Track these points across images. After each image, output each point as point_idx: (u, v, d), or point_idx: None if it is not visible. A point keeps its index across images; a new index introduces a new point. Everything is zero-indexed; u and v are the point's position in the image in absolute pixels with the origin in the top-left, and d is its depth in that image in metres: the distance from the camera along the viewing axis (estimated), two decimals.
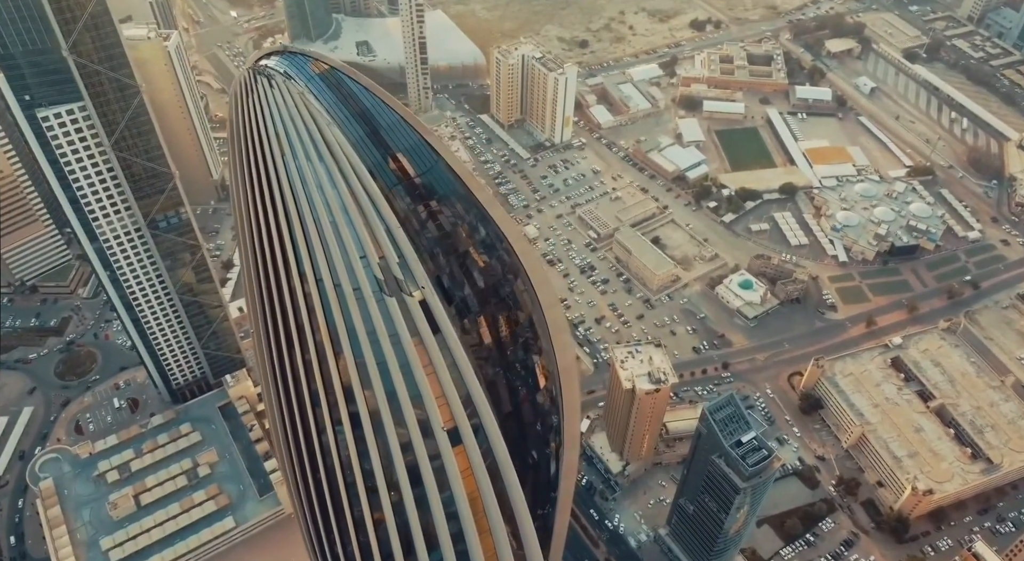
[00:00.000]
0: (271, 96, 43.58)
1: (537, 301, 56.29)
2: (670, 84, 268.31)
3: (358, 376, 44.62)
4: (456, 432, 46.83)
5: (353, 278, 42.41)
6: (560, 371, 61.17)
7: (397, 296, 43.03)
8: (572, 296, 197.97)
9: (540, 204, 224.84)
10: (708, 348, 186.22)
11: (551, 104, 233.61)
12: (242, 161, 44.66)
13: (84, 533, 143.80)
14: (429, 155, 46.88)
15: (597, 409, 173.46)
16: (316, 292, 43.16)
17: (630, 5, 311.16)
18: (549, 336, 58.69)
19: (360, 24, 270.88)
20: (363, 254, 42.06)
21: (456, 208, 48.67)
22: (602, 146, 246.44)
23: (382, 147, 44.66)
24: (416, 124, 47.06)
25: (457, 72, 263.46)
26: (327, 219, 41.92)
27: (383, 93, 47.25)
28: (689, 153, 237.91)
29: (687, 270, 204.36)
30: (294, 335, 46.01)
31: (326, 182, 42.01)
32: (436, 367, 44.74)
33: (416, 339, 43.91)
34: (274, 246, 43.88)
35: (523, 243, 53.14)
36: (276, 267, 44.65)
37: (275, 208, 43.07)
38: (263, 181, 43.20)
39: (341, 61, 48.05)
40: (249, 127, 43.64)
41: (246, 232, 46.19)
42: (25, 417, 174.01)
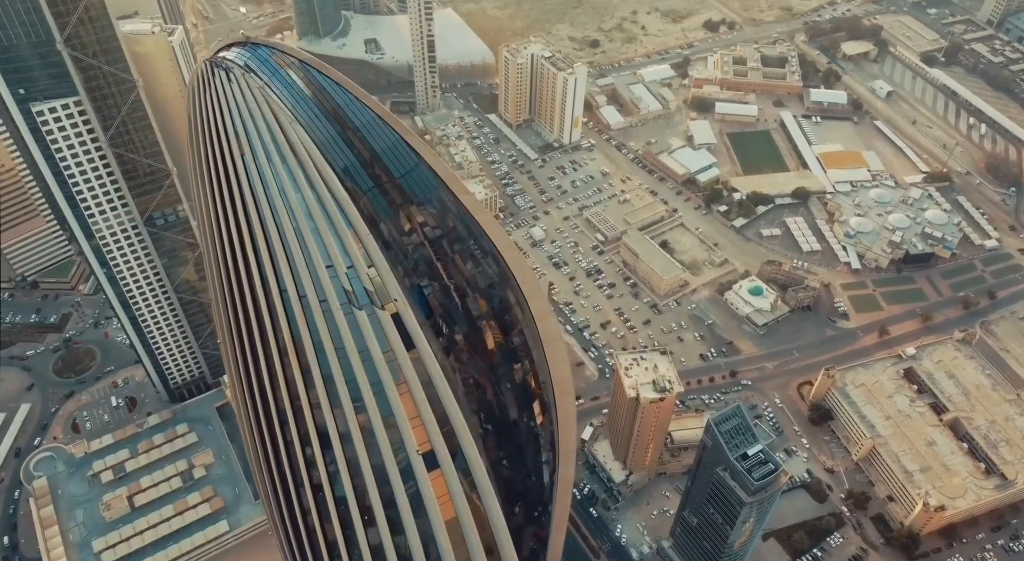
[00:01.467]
0: (229, 91, 40.51)
1: (528, 312, 53.11)
2: (682, 85, 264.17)
3: (326, 394, 41.46)
4: (432, 455, 43.50)
5: (320, 289, 39.30)
6: (554, 384, 58.27)
7: (367, 309, 39.83)
8: (578, 300, 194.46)
9: (547, 206, 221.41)
10: (716, 355, 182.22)
11: (560, 104, 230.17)
12: (202, 161, 41.60)
13: (77, 534, 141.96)
14: (409, 156, 43.62)
15: (601, 416, 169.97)
16: (280, 304, 40.02)
17: (643, 5, 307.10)
18: (542, 348, 55.73)
19: (369, 21, 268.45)
20: (330, 263, 38.91)
21: (439, 213, 45.44)
22: (611, 147, 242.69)
23: (355, 147, 41.48)
24: (394, 123, 43.80)
25: (466, 71, 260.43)
26: (290, 225, 38.78)
27: (357, 89, 44.04)
28: (700, 156, 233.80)
29: (696, 275, 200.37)
30: (259, 348, 42.87)
31: (288, 185, 38.88)
32: (410, 385, 41.54)
33: (388, 355, 40.64)
34: (236, 253, 40.76)
35: (512, 251, 49.87)
36: (240, 276, 41.53)
37: (236, 213, 39.99)
38: (224, 183, 40.14)
39: (305, 55, 44.82)
40: (207, 125, 40.62)
41: (209, 238, 43.12)
42: (22, 414, 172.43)
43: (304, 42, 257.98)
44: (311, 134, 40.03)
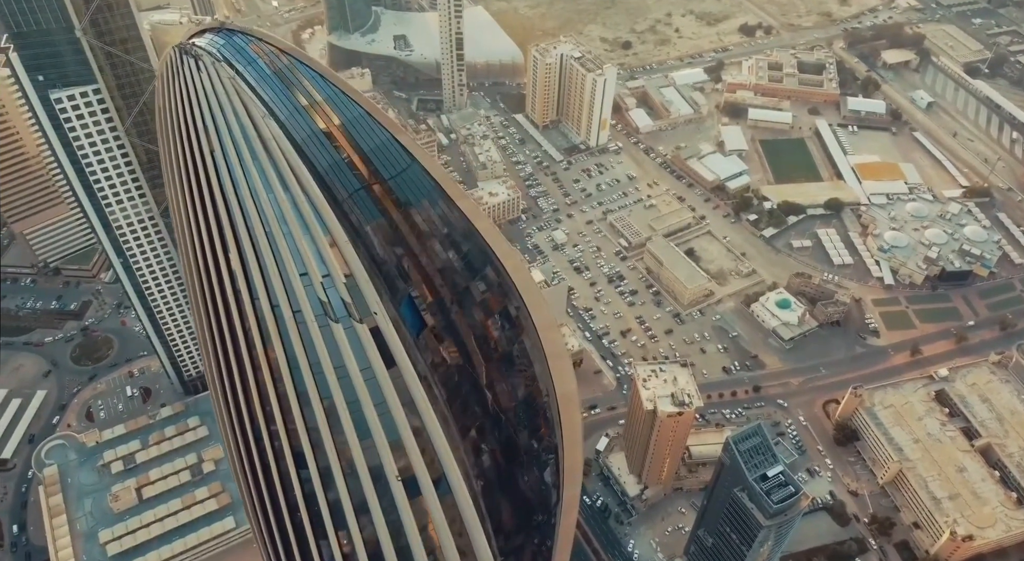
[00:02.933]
0: (197, 81, 37.49)
1: (531, 324, 49.64)
2: (714, 90, 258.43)
3: (300, 412, 38.27)
4: (414, 482, 40.09)
5: (293, 299, 36.12)
6: (559, 399, 54.81)
7: (344, 322, 36.57)
8: (598, 306, 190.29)
9: (571, 209, 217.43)
10: (739, 369, 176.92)
11: (588, 105, 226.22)
12: (172, 157, 38.68)
13: (84, 524, 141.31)
14: (400, 156, 40.27)
15: (617, 427, 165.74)
16: (252, 313, 36.93)
17: (678, 7, 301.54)
18: (545, 362, 52.30)
19: (399, 18, 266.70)
20: (304, 271, 35.73)
21: (433, 219, 42.01)
22: (639, 151, 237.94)
23: (338, 145, 38.20)
24: (384, 120, 40.43)
25: (494, 70, 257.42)
26: (261, 229, 35.66)
27: (343, 83, 40.74)
28: (731, 162, 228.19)
29: (721, 285, 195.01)
30: (233, 360, 39.83)
31: (259, 185, 35.77)
32: (389, 405, 38.12)
33: (367, 372, 37.33)
34: (208, 256, 37.78)
35: (514, 259, 46.34)
36: (212, 280, 38.53)
37: (207, 213, 36.99)
38: (194, 181, 37.18)
39: (286, 45, 41.60)
40: (175, 117, 37.65)
41: (182, 238, 40.20)
42: (38, 400, 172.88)
43: (334, 37, 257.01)
44: (289, 130, 36.90)
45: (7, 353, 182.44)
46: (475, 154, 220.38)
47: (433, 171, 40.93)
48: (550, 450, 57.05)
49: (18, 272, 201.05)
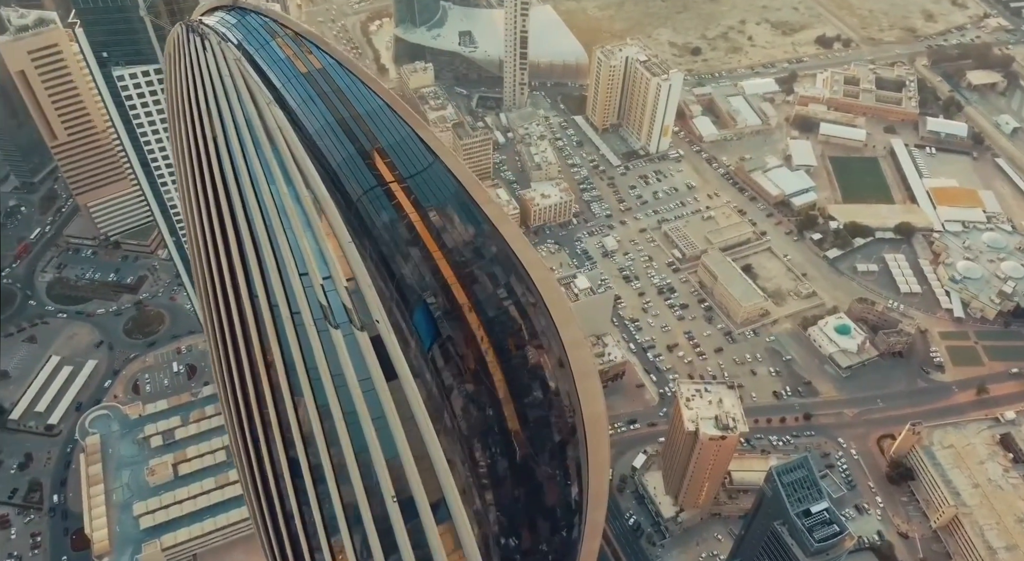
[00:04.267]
0: (202, 61, 35.15)
1: (559, 340, 46.15)
2: (785, 102, 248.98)
3: (295, 418, 35.62)
4: (411, 504, 37.02)
5: (293, 300, 33.44)
6: (585, 422, 51.26)
7: (344, 328, 33.74)
8: (645, 318, 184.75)
9: (624, 215, 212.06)
10: (791, 395, 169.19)
11: (651, 111, 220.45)
12: (178, 139, 36.51)
13: (120, 495, 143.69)
14: (422, 154, 37.21)
15: (656, 444, 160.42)
16: (250, 310, 34.43)
17: (753, 15, 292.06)
18: (573, 381, 48.82)
19: (466, 13, 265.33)
20: (304, 271, 33.03)
21: (454, 223, 38.87)
22: (701, 160, 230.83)
23: (355, 139, 35.37)
24: (407, 114, 37.44)
25: (557, 70, 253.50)
26: (261, 222, 33.11)
27: (363, 72, 37.85)
28: (797, 177, 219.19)
29: (778, 305, 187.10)
30: (233, 358, 37.44)
31: (261, 176, 33.23)
32: (388, 420, 35.11)
33: (366, 383, 34.42)
34: (210, 246, 35.45)
35: (541, 270, 42.88)
36: (214, 271, 36.19)
37: (210, 202, 34.66)
38: (200, 167, 34.90)
39: (303, 28, 38.93)
40: (181, 98, 35.41)
41: (189, 225, 38.05)
42: (88, 369, 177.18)
43: (400, 29, 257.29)
44: (299, 119, 34.22)
45: (63, 321, 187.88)
46: (530, 154, 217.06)
47: (457, 171, 37.76)
48: (574, 473, 53.64)
49: (81, 243, 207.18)
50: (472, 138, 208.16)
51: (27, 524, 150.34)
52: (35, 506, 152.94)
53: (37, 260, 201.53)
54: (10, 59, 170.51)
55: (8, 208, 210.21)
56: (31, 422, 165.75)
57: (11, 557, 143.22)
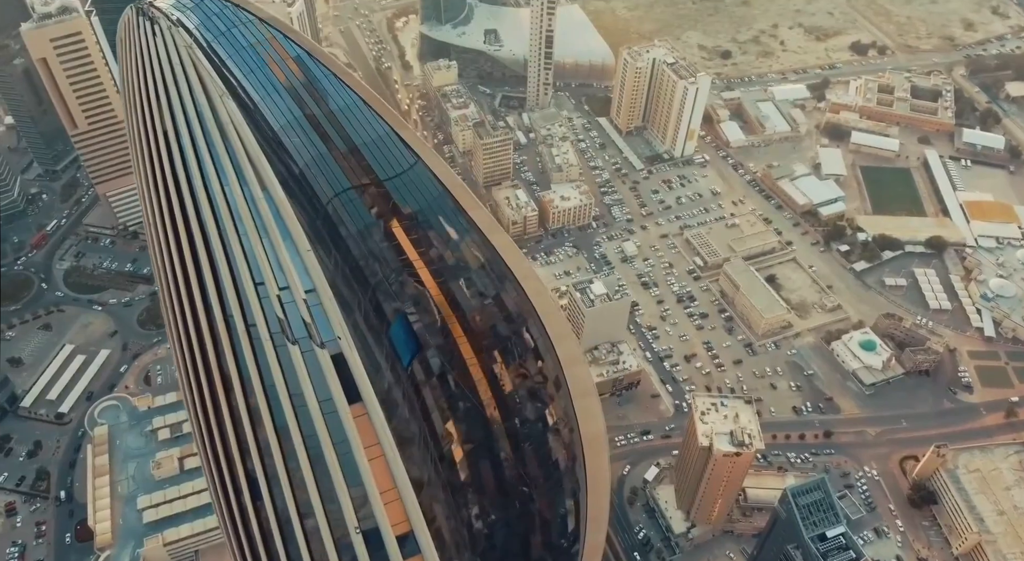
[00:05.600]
0: (151, 48, 32.29)
1: (555, 357, 42.88)
2: (816, 108, 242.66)
3: (253, 436, 32.73)
4: (376, 535, 33.94)
5: (248, 311, 30.49)
6: (584, 442, 48.01)
7: (303, 344, 30.74)
8: (663, 326, 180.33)
9: (645, 220, 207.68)
10: (811, 410, 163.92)
11: (676, 114, 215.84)
12: (132, 131, 33.76)
13: (125, 487, 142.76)
14: (401, 155, 34.13)
15: (670, 456, 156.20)
16: (205, 318, 31.58)
17: (786, 19, 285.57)
18: (570, 400, 45.63)
19: (493, 12, 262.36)
20: (261, 280, 30.10)
21: (438, 230, 35.64)
22: (727, 166, 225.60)
23: (325, 136, 32.34)
24: (384, 111, 34.31)
25: (583, 71, 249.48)
26: (214, 225, 30.23)
27: (336, 65, 34.83)
28: (826, 186, 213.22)
29: (802, 318, 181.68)
30: (194, 370, 34.65)
31: (213, 174, 30.35)
32: (352, 446, 32.07)
33: (327, 405, 31.40)
34: (165, 248, 32.67)
35: (534, 281, 39.68)
36: (170, 273, 33.41)
37: (161, 199, 31.84)
38: (152, 162, 32.11)
39: (268, 15, 35.83)
40: (132, 86, 32.64)
41: (146, 220, 35.28)
42: (101, 359, 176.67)
43: (426, 26, 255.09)
44: (260, 114, 31.25)
45: (78, 309, 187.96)
46: (552, 155, 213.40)
47: (441, 175, 34.59)
48: (571, 496, 50.32)
49: (99, 232, 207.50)
50: (493, 137, 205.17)
51: (33, 512, 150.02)
52: (42, 495, 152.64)
53: (56, 248, 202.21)
54: (33, 46, 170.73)
55: (30, 195, 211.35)
56: (42, 410, 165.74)
57: (15, 545, 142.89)
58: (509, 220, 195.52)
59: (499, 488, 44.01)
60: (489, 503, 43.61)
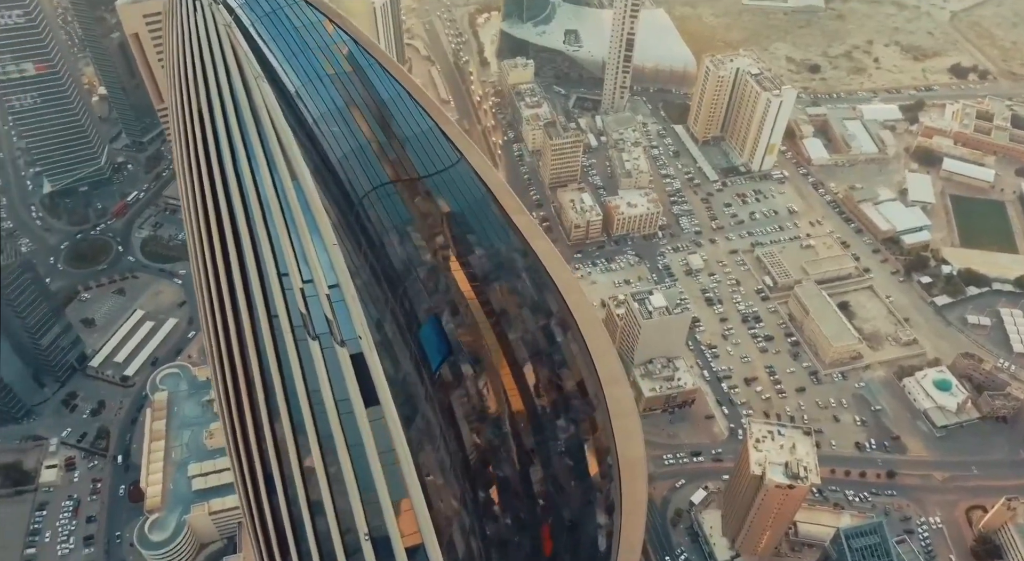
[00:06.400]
0: (192, 25, 31.17)
1: (595, 374, 40.47)
2: (907, 131, 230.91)
3: (271, 428, 31.54)
4: (386, 544, 32.31)
5: (272, 301, 29.22)
6: (620, 466, 45.46)
7: (324, 341, 29.28)
8: (724, 345, 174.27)
9: (715, 234, 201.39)
10: (875, 448, 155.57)
11: (757, 126, 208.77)
12: (173, 110, 32.90)
13: (178, 453, 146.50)
14: (444, 151, 32.21)
15: (719, 481, 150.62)
16: (230, 304, 30.51)
17: (882, 36, 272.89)
18: (609, 419, 43.14)
19: (575, 12, 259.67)
20: (286, 272, 28.75)
21: (477, 232, 33.64)
22: (806, 184, 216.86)
23: (365, 127, 30.73)
24: (428, 105, 32.47)
25: (663, 76, 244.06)
26: (242, 212, 29.01)
27: (384, 55, 33.07)
28: (911, 214, 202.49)
29: (873, 350, 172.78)
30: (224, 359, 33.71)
31: (244, 159, 29.11)
32: (366, 451, 30.49)
33: (344, 405, 29.90)
34: (198, 232, 31.78)
35: (576, 294, 37.32)
36: (203, 255, 32.55)
37: (196, 182, 30.88)
38: (188, 142, 31.18)
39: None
40: (174, 63, 31.72)
41: (185, 204, 34.55)
42: (168, 327, 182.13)
43: (506, 24, 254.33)
44: (303, 100, 29.84)
45: (151, 277, 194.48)
46: (622, 160, 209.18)
47: (485, 175, 32.57)
48: (603, 519, 47.78)
49: (177, 204, 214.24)
50: (563, 138, 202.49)
51: (90, 469, 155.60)
52: (100, 453, 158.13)
53: (136, 217, 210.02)
54: (127, 21, 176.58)
55: (116, 164, 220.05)
56: (108, 371, 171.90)
57: (71, 499, 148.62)
58: (572, 223, 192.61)
59: (523, 506, 41.88)
60: (511, 522, 41.51)
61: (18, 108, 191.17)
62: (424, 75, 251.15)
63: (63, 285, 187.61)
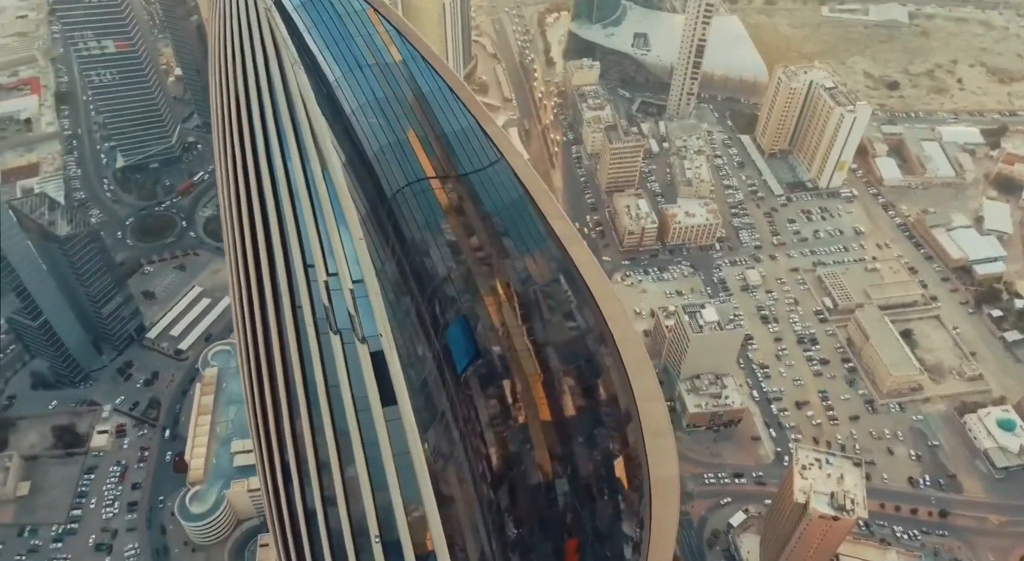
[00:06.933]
0: (234, 6, 30.51)
1: (629, 389, 38.89)
2: (988, 156, 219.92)
3: (289, 419, 30.95)
4: (396, 549, 31.33)
5: (295, 291, 28.53)
6: (652, 485, 43.65)
7: (345, 336, 28.42)
8: (777, 366, 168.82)
9: (775, 250, 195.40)
10: (929, 485, 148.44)
11: (828, 142, 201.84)
12: (213, 92, 32.50)
13: (223, 429, 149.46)
14: (483, 150, 30.99)
15: (761, 505, 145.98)
16: (257, 290, 29.97)
17: (968, 55, 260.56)
18: (642, 437, 41.43)
19: (646, 15, 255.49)
20: (311, 263, 27.99)
21: (511, 234, 32.30)
22: (876, 205, 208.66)
23: (403, 121, 29.72)
24: (470, 102, 31.23)
25: (732, 85, 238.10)
26: (272, 199, 28.34)
27: (427, 48, 31.92)
28: (986, 243, 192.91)
29: (935, 382, 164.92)
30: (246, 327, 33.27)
31: (275, 147, 28.42)
32: (381, 451, 29.56)
33: (362, 402, 29.02)
34: (232, 216, 31.35)
35: (613, 304, 35.67)
36: (236, 240, 32.14)
37: (231, 165, 30.39)
38: (225, 126, 30.70)
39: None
40: (216, 44, 31.25)
41: (221, 184, 34.22)
42: (223, 304, 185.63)
43: (575, 24, 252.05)
44: (341, 90, 29.01)
45: (211, 256, 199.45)
46: (683, 168, 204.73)
47: (524, 176, 31.21)
48: (631, 540, 46.02)
49: None
50: (623, 142, 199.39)
51: (140, 437, 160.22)
52: (150, 422, 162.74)
53: (201, 195, 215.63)
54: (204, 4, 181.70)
55: (187, 143, 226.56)
56: (164, 343, 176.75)
57: (118, 465, 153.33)
58: (626, 229, 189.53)
59: (544, 521, 40.40)
60: (531, 535, 40.07)
61: (97, 83, 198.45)
62: (489, 73, 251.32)
63: (128, 257, 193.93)
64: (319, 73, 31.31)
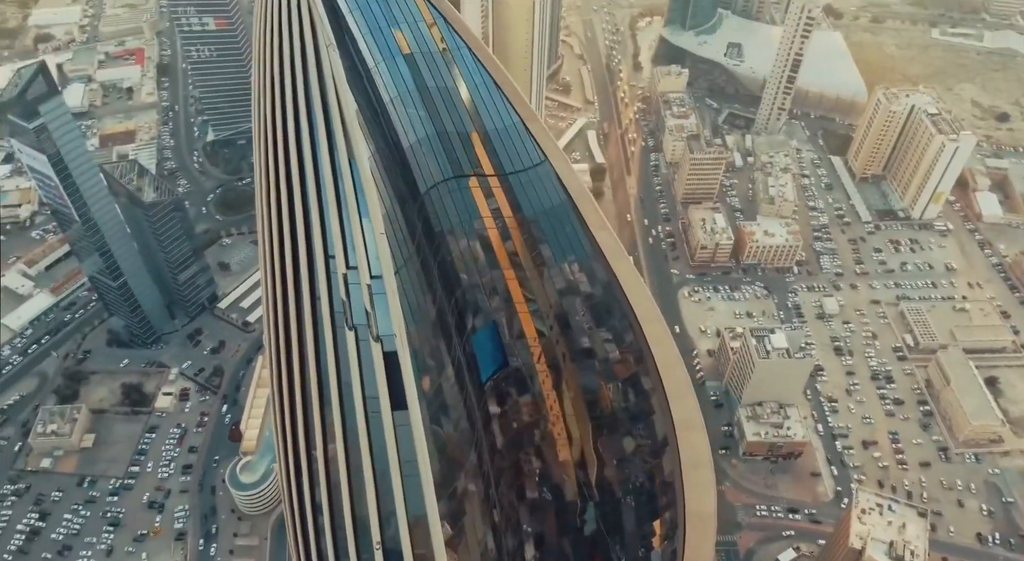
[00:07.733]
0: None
1: (669, 417, 36.69)
2: None
3: (303, 410, 30.10)
4: (399, 557, 30.04)
5: (315, 284, 27.49)
6: (687, 520, 41.19)
7: (361, 332, 27.20)
8: (846, 401, 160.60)
9: (857, 279, 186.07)
10: (999, 543, 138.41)
11: (925, 170, 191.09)
12: (256, 72, 31.76)
13: None
14: (526, 150, 29.13)
15: (814, 544, 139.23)
16: (280, 278, 29.15)
17: None
18: (679, 468, 39.06)
19: (742, 25, 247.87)
20: (332, 254, 26.87)
21: (550, 242, 30.40)
22: (972, 241, 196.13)
23: (441, 114, 28.20)
24: (516, 99, 29.37)
25: (827, 103, 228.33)
26: (297, 186, 27.35)
27: (474, 39, 30.16)
28: None
29: (1017, 435, 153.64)
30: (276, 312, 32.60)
31: (305, 132, 27.36)
32: (388, 457, 28.25)
33: (373, 403, 27.78)
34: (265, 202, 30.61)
35: (656, 325, 33.37)
36: (269, 225, 31.43)
37: (265, 148, 29.59)
38: (261, 108, 29.91)
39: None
40: (260, 29, 30.42)
41: (257, 166, 33.53)
42: None
43: (667, 30, 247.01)
44: (379, 77, 27.72)
45: None
46: (767, 185, 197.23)
47: (568, 181, 29.21)
48: None
49: None
50: (704, 153, 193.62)
51: (201, 403, 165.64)
52: (213, 389, 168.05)
53: None
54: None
55: None
56: (233, 314, 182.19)
57: (179, 427, 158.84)
58: (699, 243, 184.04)
59: (566, 548, 38.32)
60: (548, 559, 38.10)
61: (196, 58, 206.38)
62: (574, 73, 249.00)
63: (208, 228, 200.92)
64: (357, 57, 30.24)
